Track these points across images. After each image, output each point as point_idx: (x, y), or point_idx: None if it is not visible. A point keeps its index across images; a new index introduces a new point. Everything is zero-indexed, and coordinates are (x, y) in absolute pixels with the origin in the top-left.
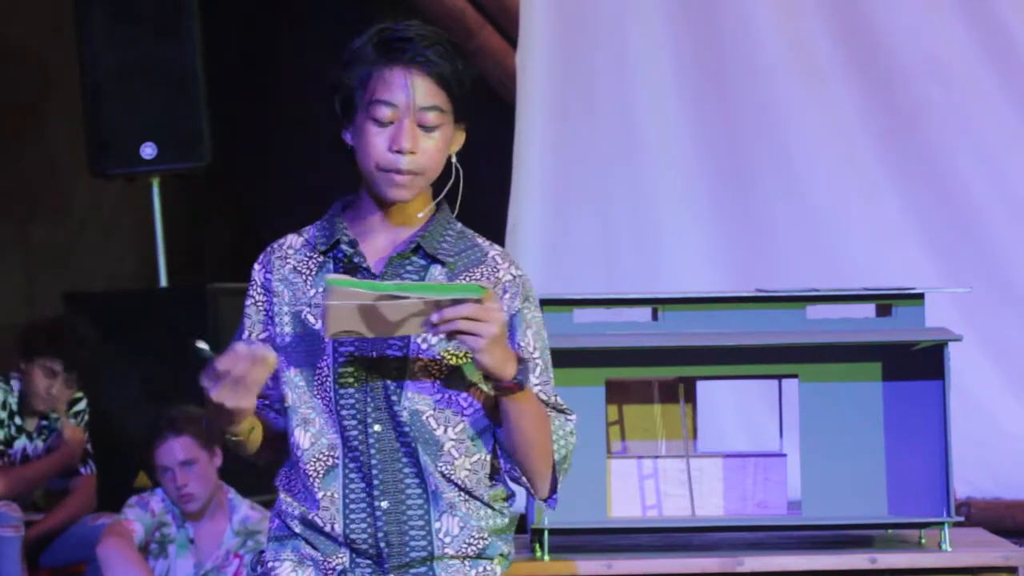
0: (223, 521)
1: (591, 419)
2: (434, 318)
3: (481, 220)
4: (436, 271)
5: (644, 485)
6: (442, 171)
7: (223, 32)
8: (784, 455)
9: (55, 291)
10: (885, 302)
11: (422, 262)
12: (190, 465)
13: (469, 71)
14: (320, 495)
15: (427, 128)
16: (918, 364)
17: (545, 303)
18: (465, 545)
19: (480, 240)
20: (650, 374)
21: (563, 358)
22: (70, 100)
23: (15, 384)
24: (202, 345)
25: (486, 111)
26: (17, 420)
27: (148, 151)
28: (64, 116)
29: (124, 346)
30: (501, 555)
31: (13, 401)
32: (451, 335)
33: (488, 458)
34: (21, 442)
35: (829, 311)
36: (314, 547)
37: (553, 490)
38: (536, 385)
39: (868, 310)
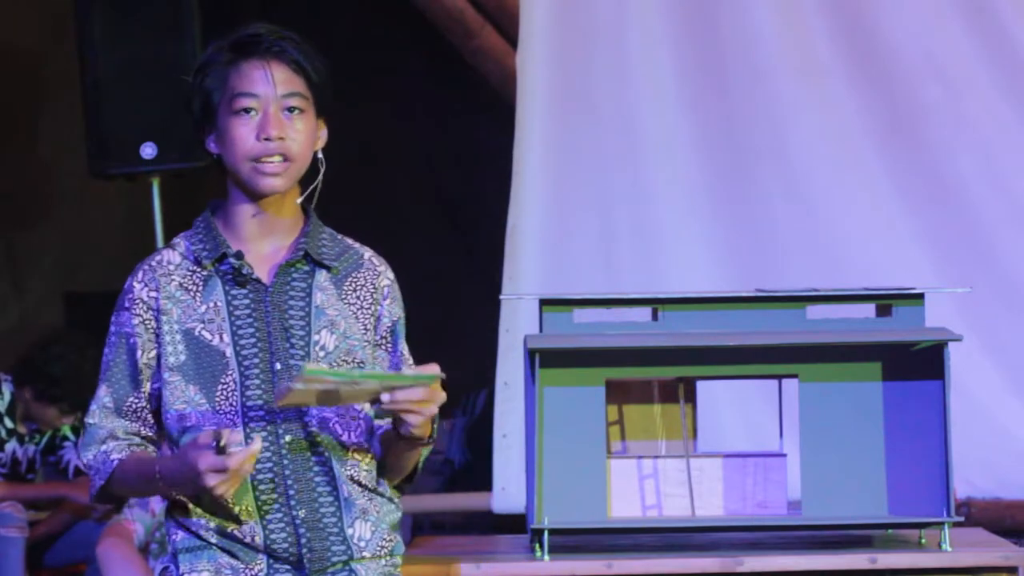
0: None
1: (591, 419)
2: (384, 398)
3: (481, 220)
4: (322, 277)
5: (644, 485)
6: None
7: (223, 32)
8: (784, 455)
9: (54, 291)
10: (885, 302)
11: (307, 268)
12: None
13: (324, 64)
14: (237, 509)
15: (291, 112)
16: (918, 364)
17: (545, 303)
18: (378, 547)
19: (351, 242)
20: (650, 374)
21: (563, 358)
22: (70, 100)
23: (7, 387)
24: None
25: (486, 111)
26: (8, 423)
27: (148, 151)
28: (64, 116)
29: None
30: (401, 553)
31: (3, 404)
32: (389, 413)
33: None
34: (11, 445)
35: (829, 311)
36: (232, 555)
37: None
38: None
39: (868, 310)
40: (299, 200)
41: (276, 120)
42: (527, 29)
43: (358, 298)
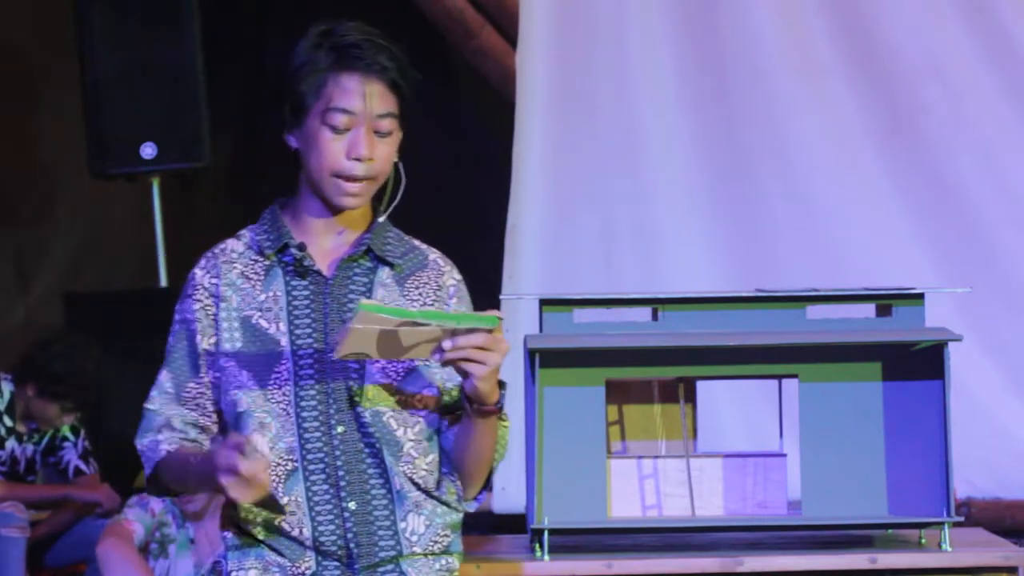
0: None
1: (591, 419)
2: (446, 344)
3: (481, 220)
4: (384, 274)
5: (644, 485)
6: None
7: (223, 32)
8: (784, 455)
9: (54, 292)
10: (885, 302)
11: (370, 264)
12: None
13: (415, 76)
14: (285, 500)
15: (382, 134)
16: (918, 364)
17: (545, 303)
18: (431, 543)
19: (417, 243)
20: (650, 374)
21: (563, 358)
22: (70, 100)
23: (7, 386)
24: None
25: (486, 111)
26: (7, 421)
27: (148, 151)
28: (64, 116)
29: (124, 346)
30: (459, 552)
31: (2, 403)
32: (452, 362)
33: (438, 459)
34: (11, 444)
35: (829, 311)
36: (279, 553)
37: (480, 491)
38: None
39: (868, 310)
40: (384, 213)
41: (368, 141)
42: (527, 29)
43: (420, 295)
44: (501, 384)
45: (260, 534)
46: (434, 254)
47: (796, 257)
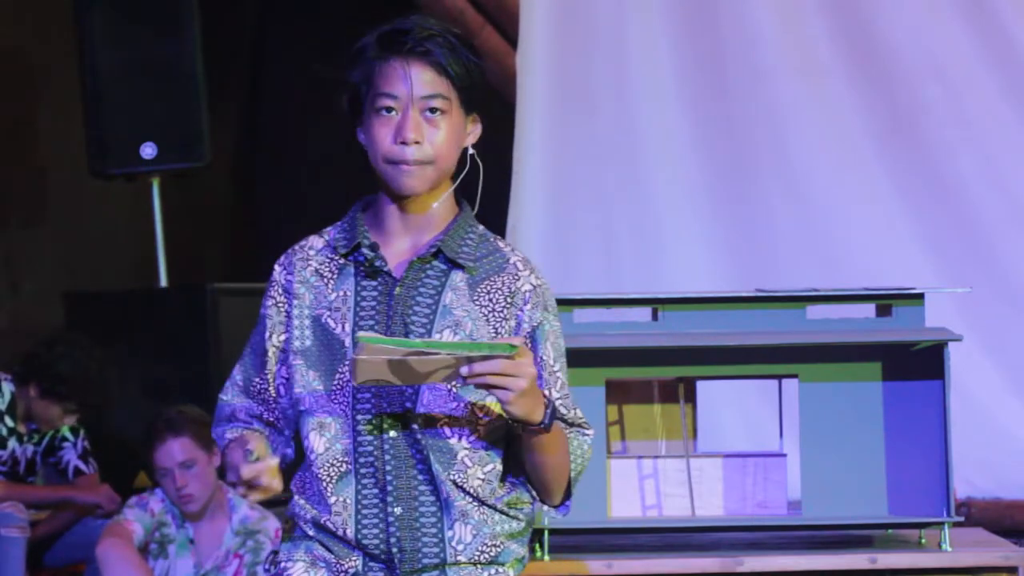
0: (223, 521)
1: (591, 419)
2: (463, 371)
3: (481, 220)
4: (457, 277)
5: (644, 485)
6: (462, 166)
7: (223, 32)
8: (784, 455)
9: (54, 291)
10: (885, 302)
11: (443, 266)
12: (189, 466)
13: (476, 60)
14: (332, 500)
15: (433, 117)
16: (918, 364)
17: None
18: (478, 552)
19: (502, 244)
20: (650, 374)
21: None
22: (69, 100)
23: (7, 386)
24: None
25: (486, 111)
26: (8, 421)
27: (148, 151)
28: (63, 116)
29: (124, 346)
30: (516, 559)
31: (3, 403)
32: (481, 386)
33: (501, 467)
34: (12, 443)
35: (829, 311)
36: (328, 549)
37: (566, 499)
38: (557, 399)
39: (868, 310)
40: (447, 205)
41: (415, 123)
42: (527, 29)
43: (491, 300)
44: (549, 403)
45: (310, 530)
46: (516, 257)
47: (796, 257)
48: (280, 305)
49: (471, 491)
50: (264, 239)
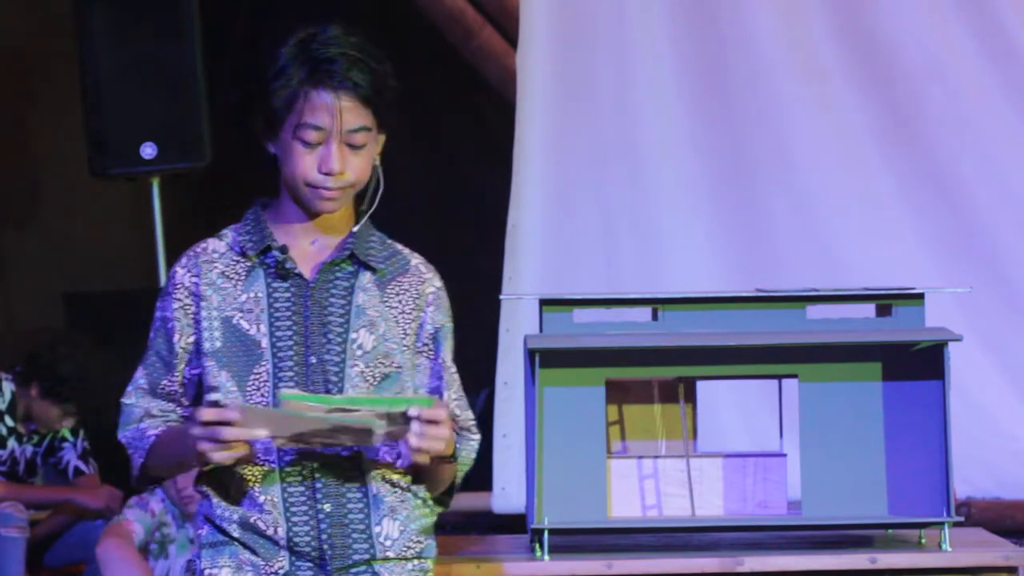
0: None
1: (591, 419)
2: (377, 438)
3: (481, 220)
4: (366, 278)
5: (644, 485)
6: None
7: (223, 32)
8: (784, 455)
9: (54, 291)
10: (885, 302)
11: (351, 268)
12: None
13: (392, 80)
14: (261, 499)
15: (355, 148)
16: (918, 364)
17: (545, 303)
18: (404, 548)
19: (400, 247)
20: (650, 374)
21: (563, 358)
22: (69, 100)
23: (7, 386)
24: None
25: (486, 111)
26: (8, 421)
27: (148, 151)
28: (63, 116)
29: (124, 346)
30: (435, 556)
31: (3, 403)
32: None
33: None
34: (12, 443)
35: (829, 311)
36: (253, 551)
37: (446, 496)
38: (454, 400)
39: (868, 310)
40: (349, 211)
41: (339, 156)
42: (527, 29)
43: (400, 302)
44: (456, 434)
45: (235, 532)
46: (416, 259)
47: (796, 257)
48: (187, 307)
49: (397, 483)
50: None
